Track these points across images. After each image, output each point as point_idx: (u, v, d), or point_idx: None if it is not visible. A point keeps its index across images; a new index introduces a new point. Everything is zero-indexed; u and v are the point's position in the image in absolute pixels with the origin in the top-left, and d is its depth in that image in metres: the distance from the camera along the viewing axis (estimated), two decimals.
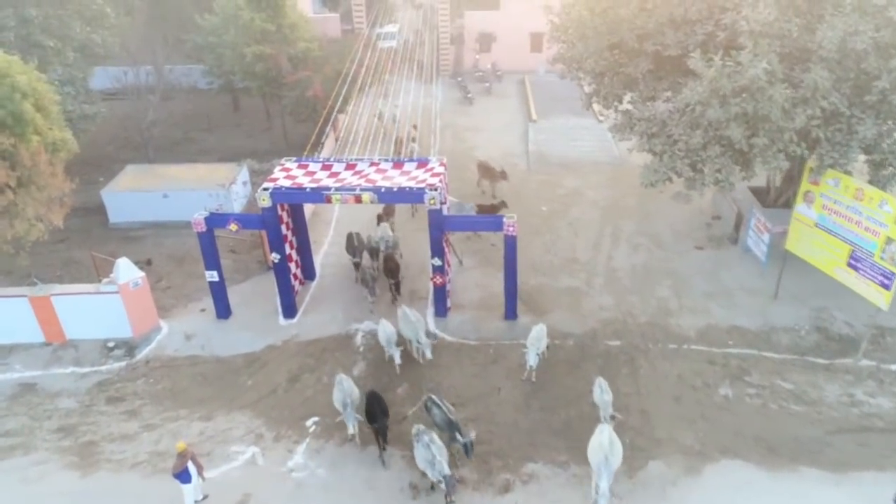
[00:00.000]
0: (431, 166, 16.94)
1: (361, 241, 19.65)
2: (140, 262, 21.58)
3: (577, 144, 28.59)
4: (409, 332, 15.82)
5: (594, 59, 17.35)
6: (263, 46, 26.88)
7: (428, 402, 13.53)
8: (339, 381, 13.97)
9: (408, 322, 15.83)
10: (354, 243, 19.34)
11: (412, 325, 15.74)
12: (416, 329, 15.69)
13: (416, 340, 15.74)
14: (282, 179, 16.64)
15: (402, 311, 16.07)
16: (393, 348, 15.52)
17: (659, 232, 21.70)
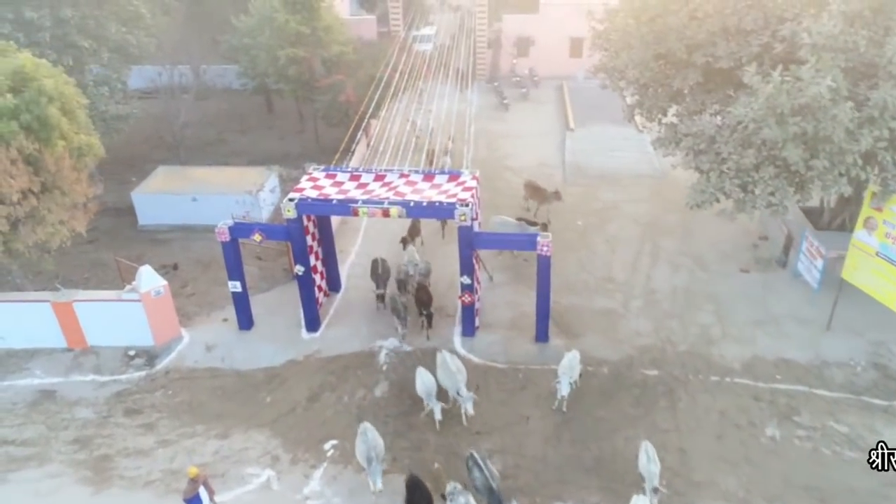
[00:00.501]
0: (463, 180, 16.21)
1: (387, 269, 18.12)
2: (166, 267, 21.51)
3: (616, 155, 27.53)
4: (449, 382, 14.18)
5: (639, 69, 16.38)
6: (297, 49, 26.51)
7: (469, 460, 12.21)
8: (364, 432, 12.67)
9: (447, 371, 14.21)
10: (379, 271, 17.93)
11: (452, 376, 14.09)
12: (456, 380, 14.02)
13: (456, 392, 14.00)
14: (308, 190, 16.11)
15: (442, 358, 14.52)
16: (433, 401, 13.83)
17: (702, 252, 20.56)
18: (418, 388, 14.21)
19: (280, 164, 29.64)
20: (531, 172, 26.67)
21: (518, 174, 26.61)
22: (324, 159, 29.81)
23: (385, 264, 18.12)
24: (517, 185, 25.62)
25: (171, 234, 23.51)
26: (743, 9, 15.34)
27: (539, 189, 22.04)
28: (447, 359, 14.46)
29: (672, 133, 18.14)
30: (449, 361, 14.37)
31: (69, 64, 22.16)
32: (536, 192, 22.07)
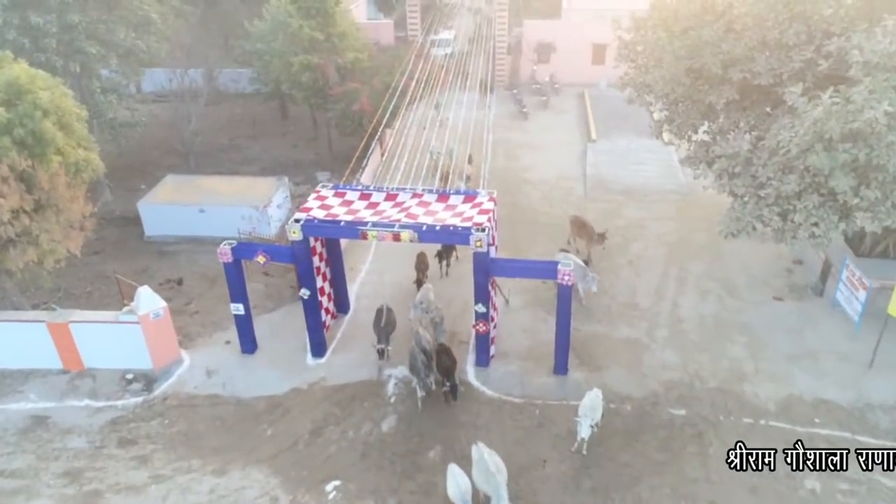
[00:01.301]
0: (480, 201, 15.24)
1: (392, 321, 15.87)
2: (171, 281, 20.82)
3: (640, 169, 26.38)
4: (486, 485, 11.66)
5: (670, 85, 15.28)
6: (311, 56, 25.71)
7: None
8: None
9: (484, 472, 11.68)
10: (382, 323, 15.65)
11: (491, 478, 11.50)
12: (496, 483, 11.41)
13: (497, 500, 11.40)
14: (315, 209, 15.24)
15: (478, 453, 11.98)
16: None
17: (731, 276, 19.39)
18: (450, 492, 11.74)
19: (292, 172, 28.96)
20: (550, 186, 25.68)
21: (537, 187, 25.61)
22: (337, 168, 29.10)
23: (391, 315, 15.93)
24: (536, 199, 24.65)
25: (177, 246, 22.82)
26: (784, 21, 14.21)
27: (587, 227, 19.81)
28: (485, 455, 11.85)
29: (703, 152, 17.05)
30: (487, 459, 11.75)
31: (76, 70, 21.59)
32: (583, 229, 19.80)
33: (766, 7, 14.36)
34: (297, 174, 28.79)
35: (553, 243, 21.45)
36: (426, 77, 25.95)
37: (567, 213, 22.45)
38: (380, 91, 25.09)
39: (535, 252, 20.89)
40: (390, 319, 15.92)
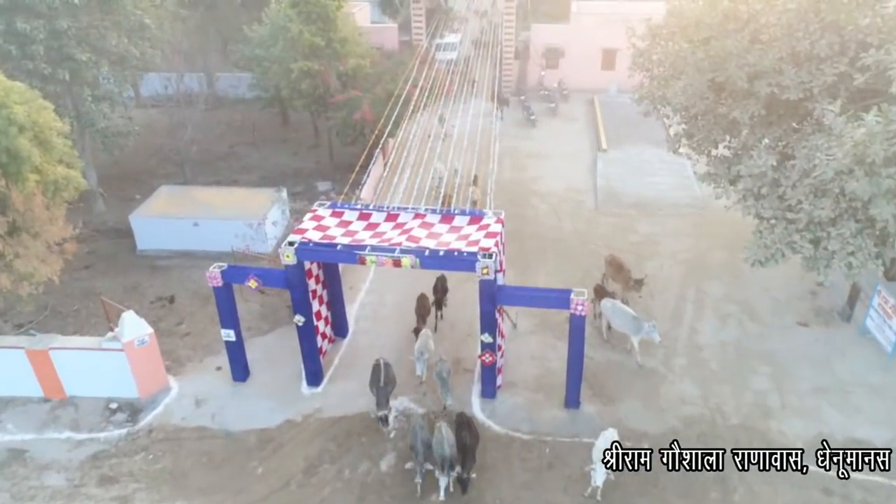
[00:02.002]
0: (486, 223, 14.23)
1: (392, 378, 13.94)
2: (162, 299, 19.92)
3: (653, 181, 25.33)
4: None
5: (692, 99, 14.24)
6: (311, 62, 24.79)
7: None
8: None
9: None
10: (381, 381, 13.76)
11: None
12: None
13: None
14: (311, 231, 14.26)
15: None
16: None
17: (752, 299, 18.32)
18: None
19: (292, 181, 28.07)
20: (560, 198, 24.66)
21: (545, 200, 24.61)
22: (338, 177, 28.16)
23: (389, 371, 14.07)
24: (544, 213, 23.63)
25: (170, 261, 21.91)
26: (816, 31, 13.14)
27: (623, 270, 17.75)
28: None
29: (724, 168, 16.01)
30: None
31: (65, 78, 20.68)
32: (619, 272, 17.82)
33: (796, 16, 13.30)
34: (297, 183, 27.90)
35: (562, 260, 20.49)
36: (430, 84, 25.00)
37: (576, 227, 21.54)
38: (382, 99, 24.15)
39: (544, 270, 19.91)
40: (390, 376, 14.04)
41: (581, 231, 22.15)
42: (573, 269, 19.95)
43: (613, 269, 18.02)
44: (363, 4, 39.15)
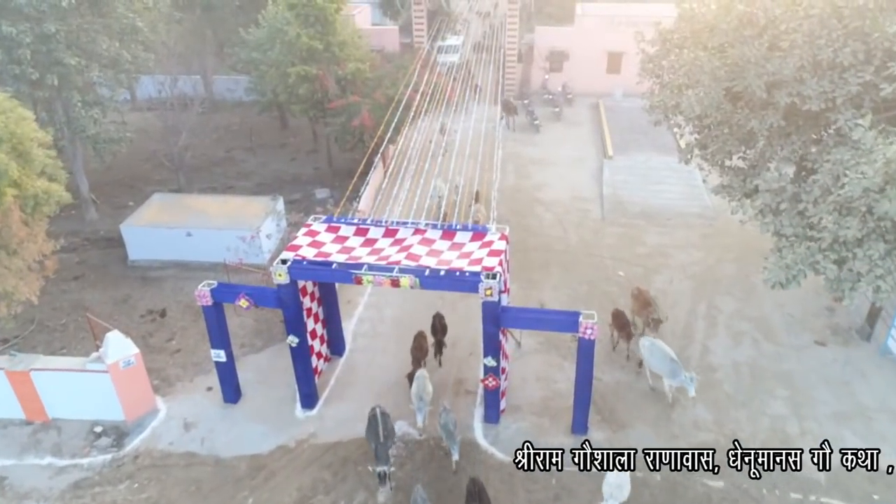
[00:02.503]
0: (490, 240, 13.50)
1: (391, 430, 12.68)
2: (153, 313, 19.24)
3: (661, 189, 24.58)
4: None
5: (708, 110, 13.49)
6: (309, 66, 24.05)
7: None
8: None
9: None
10: (379, 435, 12.44)
11: None
12: None
13: None
14: (305, 247, 13.54)
15: None
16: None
17: (766, 315, 17.57)
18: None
19: (289, 188, 27.38)
20: (565, 207, 23.92)
21: (550, 209, 23.86)
22: (337, 184, 27.46)
23: (388, 422, 12.80)
24: (549, 223, 22.88)
25: (163, 272, 21.23)
26: (839, 39, 12.39)
27: (650, 307, 16.17)
28: None
29: (740, 181, 15.27)
30: None
31: (54, 83, 19.99)
32: (645, 308, 16.23)
33: (818, 22, 12.55)
34: (295, 190, 27.21)
35: (567, 273, 19.75)
36: (432, 89, 24.27)
37: (582, 238, 20.76)
38: (382, 105, 23.43)
39: (549, 284, 19.17)
40: (388, 428, 12.63)
41: (587, 242, 21.41)
42: (579, 282, 19.22)
43: (639, 304, 16.33)
44: (363, 6, 38.46)
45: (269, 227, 20.28)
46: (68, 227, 24.40)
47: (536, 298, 18.43)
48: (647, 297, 16.45)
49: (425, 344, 15.38)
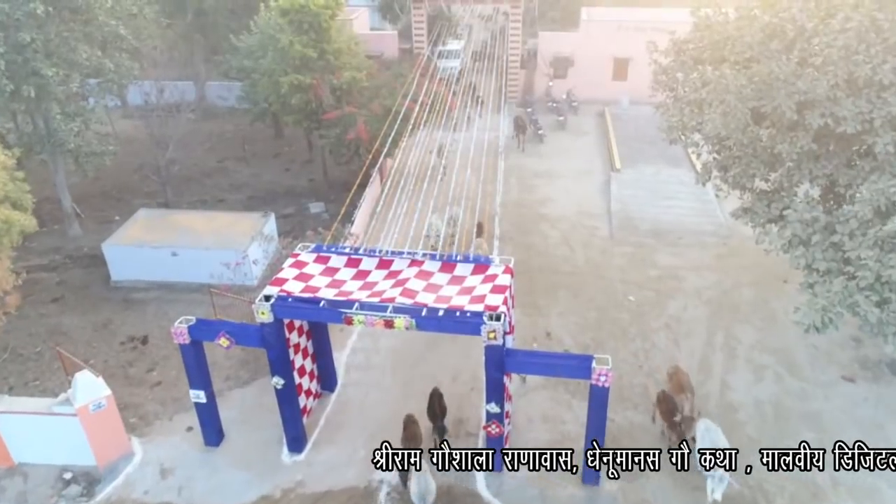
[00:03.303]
0: (493, 273, 12.35)
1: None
2: (135, 340, 18.12)
3: (672, 205, 23.42)
4: None
5: (736, 133, 12.32)
6: (303, 75, 22.91)
7: None
8: None
9: None
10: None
11: None
12: None
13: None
14: (291, 281, 12.39)
15: None
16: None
17: (789, 347, 16.41)
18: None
19: (282, 201, 26.26)
20: (571, 224, 22.76)
21: (555, 226, 22.70)
22: (332, 196, 26.31)
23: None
24: (555, 241, 21.71)
25: (147, 293, 20.11)
26: (878, 55, 11.27)
27: (684, 391, 13.76)
28: None
29: (764, 206, 14.11)
30: None
31: (31, 95, 18.86)
32: (681, 389, 13.87)
33: (855, 37, 11.43)
34: (289, 203, 26.08)
35: (575, 298, 18.60)
36: (431, 98, 23.15)
37: (590, 258, 19.54)
38: (379, 116, 22.30)
39: (556, 310, 18.02)
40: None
41: (595, 263, 20.25)
42: (587, 308, 18.06)
43: (673, 386, 14.07)
44: (361, 10, 37.33)
45: (256, 251, 19.00)
46: (50, 244, 23.36)
47: (542, 326, 17.30)
48: (682, 380, 14.02)
49: (418, 431, 13.02)
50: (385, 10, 42.38)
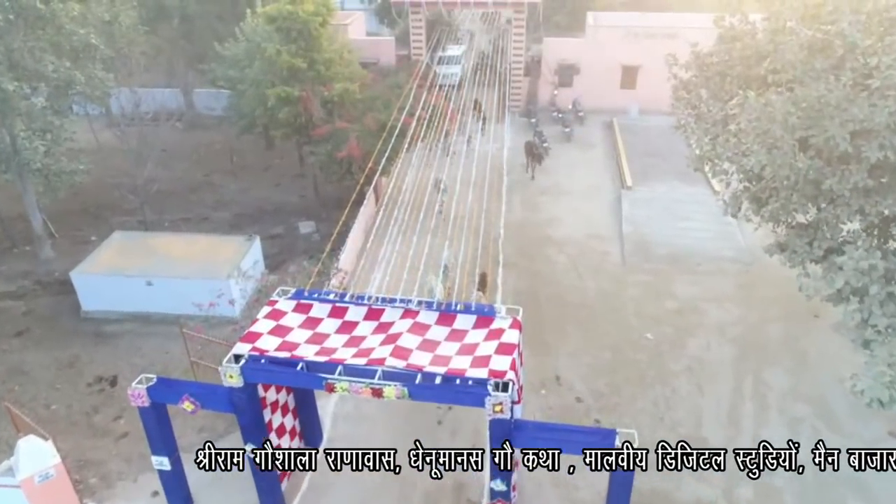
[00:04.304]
0: (499, 327, 10.71)
1: None
2: (103, 381, 16.51)
3: (688, 227, 21.77)
4: None
5: (784, 170, 10.66)
6: (291, 87, 21.28)
7: None
8: None
9: None
10: None
11: None
12: None
13: None
14: (266, 336, 10.75)
15: None
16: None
17: (826, 395, 14.77)
18: None
19: (271, 220, 24.65)
20: (580, 247, 21.11)
21: (563, 250, 21.06)
22: (324, 215, 24.64)
23: None
24: (562, 267, 20.08)
25: (120, 326, 18.56)
26: None
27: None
28: None
29: (805, 245, 12.47)
30: None
31: None
32: None
33: None
34: (277, 222, 24.48)
35: (586, 335, 16.99)
36: (429, 112, 21.55)
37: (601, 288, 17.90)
38: (373, 132, 20.67)
39: (565, 351, 16.39)
40: None
41: (607, 293, 18.62)
42: (600, 347, 16.44)
43: None
44: (357, 13, 35.71)
45: (234, 289, 17.10)
46: (19, 268, 21.76)
47: (551, 369, 15.67)
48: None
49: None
50: (383, 13, 40.74)
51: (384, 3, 35.19)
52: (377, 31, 42.58)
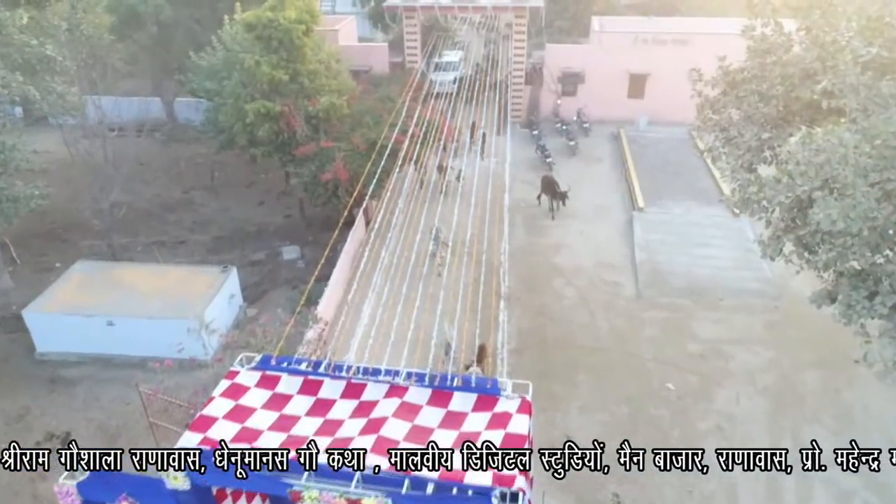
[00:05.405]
0: (504, 410, 8.76)
1: None
2: (54, 438, 14.70)
3: (708, 254, 19.93)
4: None
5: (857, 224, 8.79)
6: (272, 102, 19.41)
7: None
8: None
9: None
10: None
11: None
12: None
13: None
14: (222, 421, 8.78)
15: None
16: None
17: (877, 460, 12.91)
18: None
19: (252, 243, 22.79)
20: (589, 279, 19.24)
21: (571, 281, 19.19)
22: (309, 237, 22.75)
23: None
24: (571, 302, 18.22)
25: (78, 370, 16.79)
26: None
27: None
28: None
29: (864, 298, 10.60)
30: None
31: None
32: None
33: None
34: (260, 246, 22.65)
35: (600, 383, 15.17)
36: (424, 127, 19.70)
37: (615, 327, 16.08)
38: (361, 151, 18.81)
39: (577, 403, 14.53)
40: None
41: (621, 333, 16.76)
42: (616, 400, 14.58)
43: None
44: (349, 18, 33.82)
45: (196, 347, 14.76)
46: None
47: (561, 428, 13.80)
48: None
49: None
50: (376, 17, 38.82)
51: (377, 7, 33.30)
52: (370, 35, 40.71)
